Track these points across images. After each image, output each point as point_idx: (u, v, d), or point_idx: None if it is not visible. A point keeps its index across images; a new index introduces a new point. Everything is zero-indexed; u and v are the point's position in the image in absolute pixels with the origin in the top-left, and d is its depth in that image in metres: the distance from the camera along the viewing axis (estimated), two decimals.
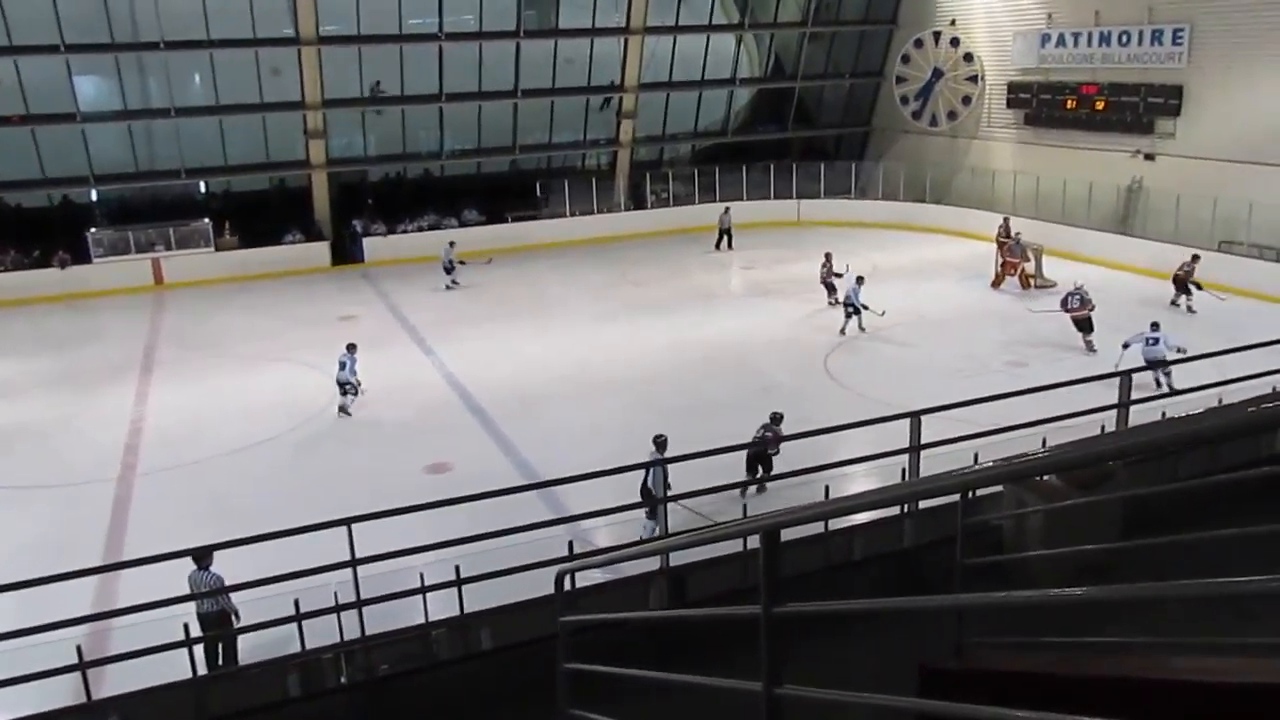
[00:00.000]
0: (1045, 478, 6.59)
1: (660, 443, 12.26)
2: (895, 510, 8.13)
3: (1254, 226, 23.84)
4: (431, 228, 31.81)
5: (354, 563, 6.97)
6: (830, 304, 23.28)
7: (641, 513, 10.93)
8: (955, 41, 33.18)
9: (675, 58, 33.85)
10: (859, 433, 10.27)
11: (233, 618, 9.15)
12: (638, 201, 34.56)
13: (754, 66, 36.81)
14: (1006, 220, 27.44)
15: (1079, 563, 5.18)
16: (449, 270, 26.96)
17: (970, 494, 5.22)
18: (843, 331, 20.97)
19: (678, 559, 7.35)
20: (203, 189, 31.43)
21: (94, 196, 30.14)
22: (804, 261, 28.33)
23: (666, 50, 33.72)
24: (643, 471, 10.81)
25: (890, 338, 21.21)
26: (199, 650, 7.49)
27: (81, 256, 28.21)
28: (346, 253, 30.87)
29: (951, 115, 33.76)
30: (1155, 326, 17.42)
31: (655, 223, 33.54)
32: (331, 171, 31.26)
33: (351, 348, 18.07)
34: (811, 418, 12.71)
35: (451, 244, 27.70)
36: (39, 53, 27.02)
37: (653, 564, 7.57)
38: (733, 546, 6.82)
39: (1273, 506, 4.66)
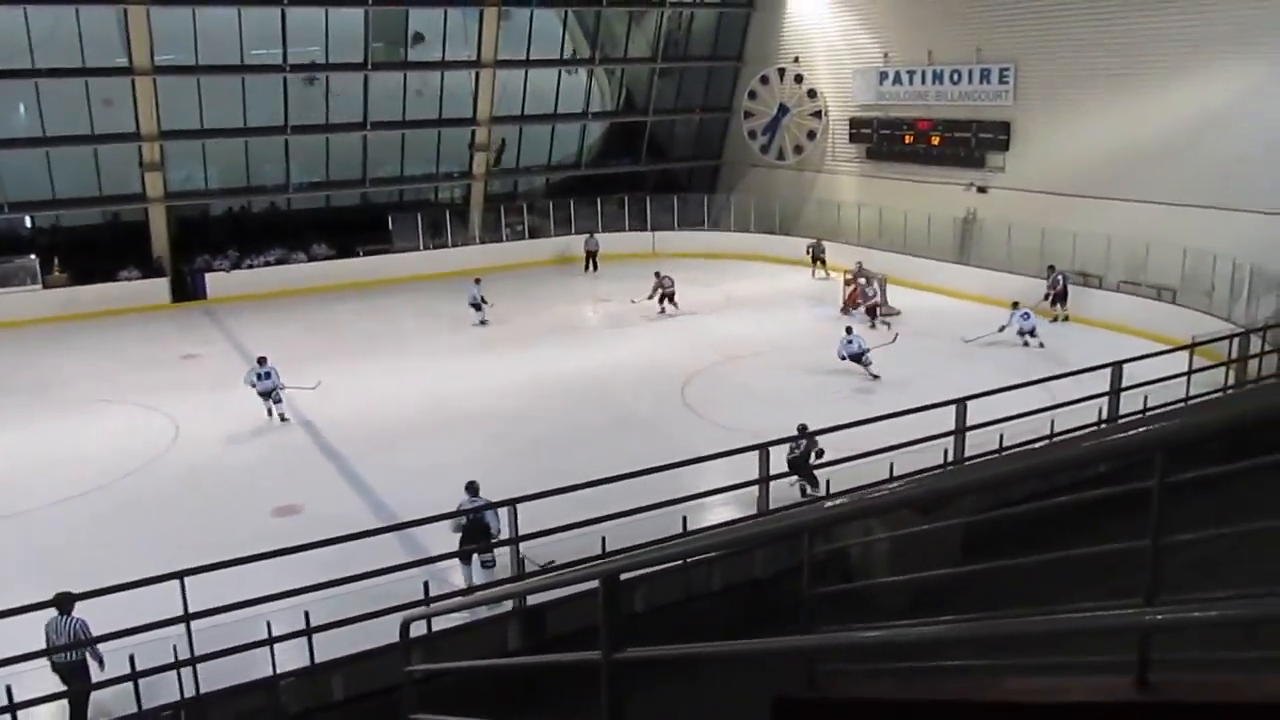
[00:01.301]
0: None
1: (474, 488, 11.73)
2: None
3: (1076, 255, 25.41)
4: (279, 262, 30.87)
5: (187, 618, 6.62)
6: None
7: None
8: (799, 78, 34.37)
9: (528, 91, 33.95)
10: (716, 461, 10.40)
11: (96, 666, 8.25)
12: (493, 234, 34.37)
13: (606, 100, 37.26)
14: (819, 241, 30.72)
15: (922, 586, 5.35)
16: (477, 307, 25.93)
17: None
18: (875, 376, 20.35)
19: (534, 597, 7.26)
20: (28, 224, 29.68)
21: None
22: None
23: (519, 83, 33.78)
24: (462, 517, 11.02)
25: (746, 367, 21.63)
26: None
27: None
28: (187, 289, 29.60)
29: (798, 149, 34.90)
30: (1018, 306, 22.26)
31: (511, 256, 33.42)
32: (170, 205, 29.99)
33: (263, 360, 18.71)
34: (670, 448, 12.80)
35: (478, 281, 26.62)
36: None
37: (508, 604, 7.46)
38: (589, 581, 6.79)
39: (1096, 525, 4.94)
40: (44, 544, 13.65)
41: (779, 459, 8.22)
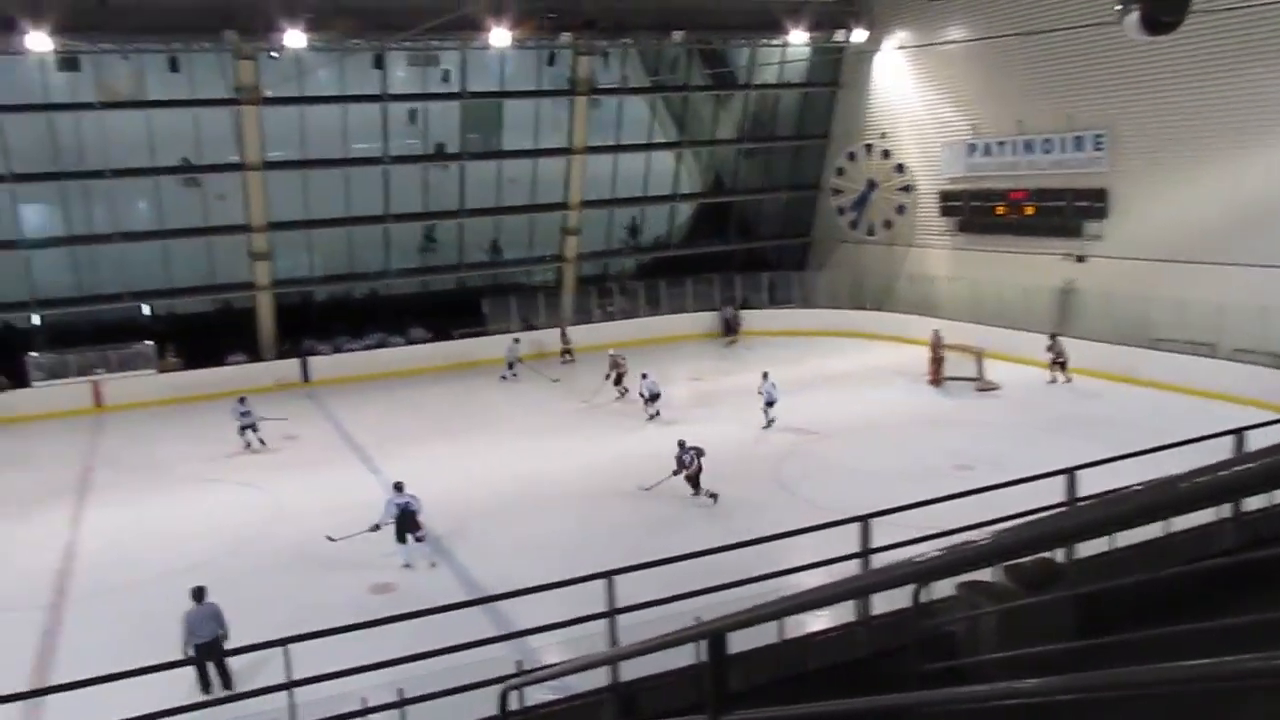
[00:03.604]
0: (995, 579, 6.54)
1: (400, 486, 15.80)
2: (850, 617, 8.00)
3: (1186, 323, 24.50)
4: (378, 346, 31.73)
5: (290, 685, 6.68)
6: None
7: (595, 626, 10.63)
8: (886, 153, 34.38)
9: (617, 174, 34.62)
10: (810, 542, 10.15)
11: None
12: (583, 316, 34.79)
13: (694, 182, 37.75)
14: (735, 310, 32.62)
15: (1033, 664, 5.10)
16: (510, 365, 29.10)
17: (921, 596, 5.16)
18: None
19: (630, 673, 7.13)
20: (146, 311, 31.15)
21: (36, 321, 29.72)
22: (748, 372, 28.64)
23: (609, 167, 34.48)
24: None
25: (840, 444, 21.28)
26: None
27: (19, 381, 27.65)
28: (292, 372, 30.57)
29: (887, 224, 34.73)
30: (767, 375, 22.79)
31: (601, 337, 33.69)
32: (277, 292, 31.20)
33: (243, 399, 23.14)
34: (763, 527, 12.58)
35: (516, 340, 29.88)
36: None
37: (603, 680, 7.34)
38: (685, 658, 6.65)
39: (1219, 602, 4.65)
40: (152, 614, 13.97)
41: (882, 531, 8.00)
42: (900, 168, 34.02)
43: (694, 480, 17.70)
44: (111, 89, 27.85)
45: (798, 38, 32.56)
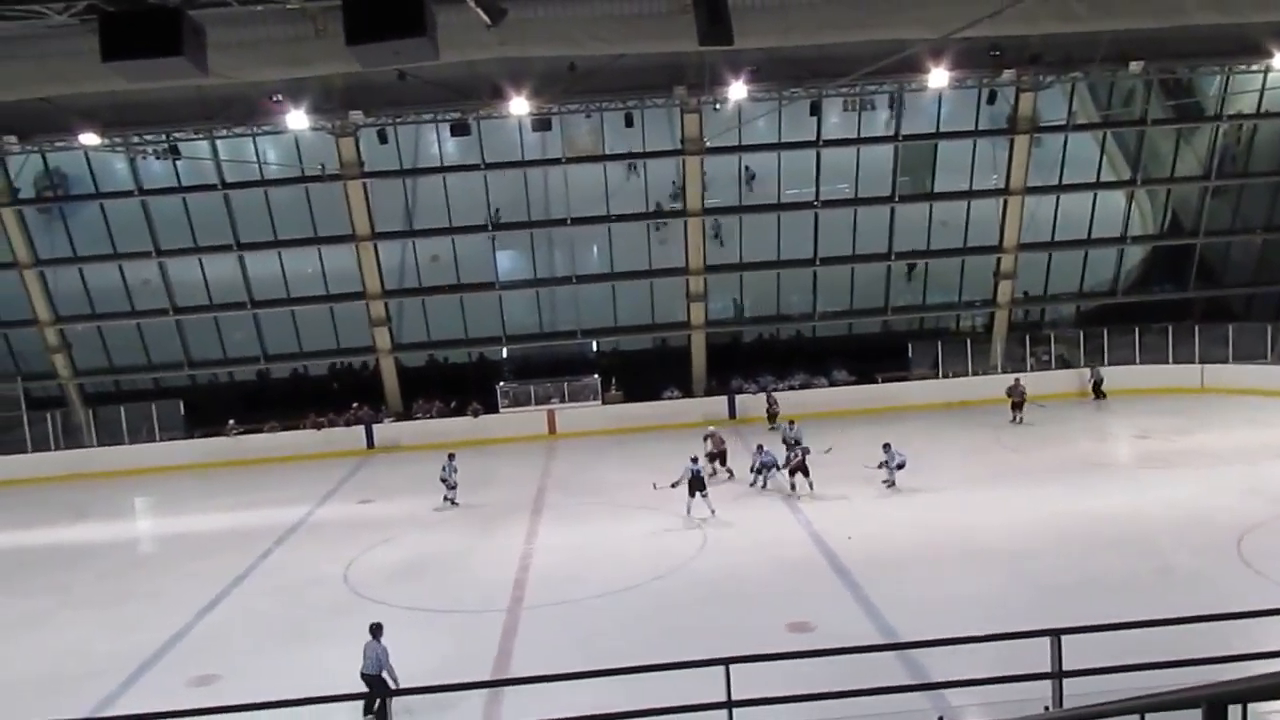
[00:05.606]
0: None
1: (695, 460, 20.64)
2: None
3: None
4: (802, 386, 32.39)
5: (731, 703, 7.11)
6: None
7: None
8: None
9: (1059, 215, 32.66)
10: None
11: (390, 683, 11.89)
12: (1016, 364, 33.07)
13: (1147, 223, 34.57)
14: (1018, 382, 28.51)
15: None
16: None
17: None
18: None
19: None
20: (594, 348, 34.34)
21: (504, 354, 33.95)
22: (1205, 432, 25.91)
23: (1049, 207, 32.63)
24: None
25: None
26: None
27: (490, 407, 31.66)
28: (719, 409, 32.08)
29: None
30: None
31: (1035, 387, 31.79)
32: (709, 332, 32.97)
33: (452, 456, 23.61)
34: (1206, 603, 11.22)
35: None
36: (469, 232, 31.39)
37: None
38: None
39: None
40: (591, 629, 15.34)
41: None
42: None
43: (795, 471, 22.08)
44: (576, 145, 31.17)
45: None
